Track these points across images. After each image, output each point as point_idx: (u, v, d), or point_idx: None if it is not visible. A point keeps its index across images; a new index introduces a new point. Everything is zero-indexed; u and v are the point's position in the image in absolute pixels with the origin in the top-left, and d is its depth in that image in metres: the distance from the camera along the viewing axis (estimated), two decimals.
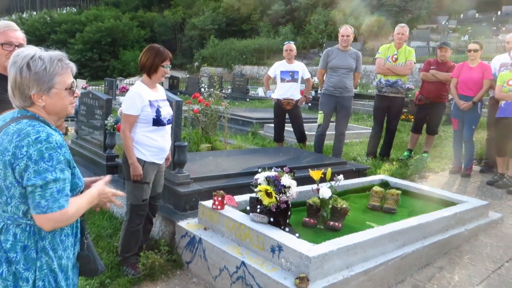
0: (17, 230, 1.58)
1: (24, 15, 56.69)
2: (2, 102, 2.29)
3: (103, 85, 19.34)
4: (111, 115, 5.25)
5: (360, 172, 5.34)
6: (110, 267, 3.36)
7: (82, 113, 6.02)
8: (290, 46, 6.84)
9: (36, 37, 45.87)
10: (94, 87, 20.86)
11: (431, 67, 6.59)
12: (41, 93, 1.61)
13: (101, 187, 1.76)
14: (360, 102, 13.60)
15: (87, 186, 1.79)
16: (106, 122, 5.16)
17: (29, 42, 2.55)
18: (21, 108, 1.63)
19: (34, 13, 58.92)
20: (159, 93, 3.39)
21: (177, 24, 46.22)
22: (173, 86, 21.88)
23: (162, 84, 7.50)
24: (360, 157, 6.78)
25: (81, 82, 23.01)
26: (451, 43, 7.59)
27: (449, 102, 7.13)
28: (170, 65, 3.32)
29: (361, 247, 2.99)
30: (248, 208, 3.35)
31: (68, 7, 66.49)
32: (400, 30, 6.54)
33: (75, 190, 1.68)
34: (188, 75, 28.81)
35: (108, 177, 1.87)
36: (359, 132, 9.02)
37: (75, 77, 1.77)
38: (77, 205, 1.62)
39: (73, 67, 1.70)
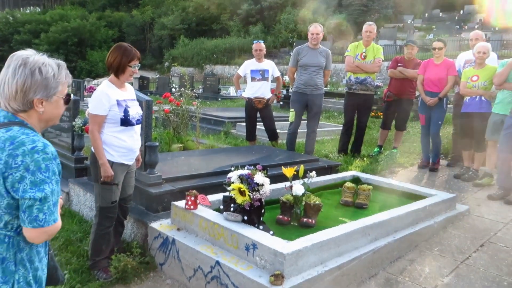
0: None
1: None
2: None
3: (71, 86, 18.84)
4: (78, 116, 5.11)
5: (332, 169, 5.40)
6: (80, 271, 3.28)
7: None
8: (260, 45, 6.84)
9: None
10: None
11: (399, 64, 6.74)
12: (44, 98, 1.58)
13: (61, 202, 1.72)
14: (330, 100, 13.78)
15: None
16: (73, 123, 5.02)
17: None
18: (13, 111, 1.57)
19: None
20: (128, 93, 3.32)
21: (146, 24, 45.52)
22: (143, 86, 21.55)
23: (132, 84, 7.35)
24: (332, 154, 6.86)
25: None
26: (417, 41, 7.79)
27: (416, 99, 7.31)
28: (138, 65, 3.24)
29: (334, 242, 3.02)
30: (221, 207, 3.33)
31: (31, 7, 64.36)
32: (368, 28, 6.66)
33: None
34: (158, 76, 28.42)
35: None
36: (330, 129, 9.13)
37: None
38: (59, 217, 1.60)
39: (70, 77, 1.70)
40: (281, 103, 13.53)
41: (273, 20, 36.62)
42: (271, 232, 3.11)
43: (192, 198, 3.39)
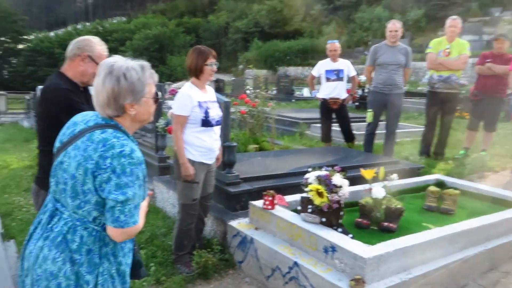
0: (84, 233, 1.59)
1: (78, 26, 59.66)
2: None
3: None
4: (161, 117, 5.39)
5: (414, 172, 5.15)
6: (165, 265, 3.45)
7: None
8: (334, 45, 6.72)
9: None
10: None
11: (487, 60, 6.26)
12: (134, 102, 1.64)
13: (146, 204, 1.79)
14: (410, 100, 13.14)
15: None
16: (157, 124, 5.31)
17: None
18: (110, 117, 1.65)
19: (88, 24, 61.89)
20: (208, 94, 3.42)
21: (221, 28, 46.93)
22: (219, 89, 22.16)
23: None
24: (413, 156, 6.54)
25: None
26: (508, 35, 7.17)
27: (508, 97, 6.73)
28: (216, 63, 3.32)
29: (419, 249, 2.87)
30: (299, 208, 3.32)
31: (118, 17, 69.28)
32: (452, 22, 6.26)
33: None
34: (233, 78, 29.11)
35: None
36: (409, 131, 8.72)
37: None
38: (142, 219, 1.67)
39: (156, 76, 1.74)
40: (357, 103, 13.18)
41: (347, 19, 35.87)
42: (351, 235, 3.04)
43: (270, 198, 3.42)
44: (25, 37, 54.01)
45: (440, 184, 4.52)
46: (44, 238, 1.60)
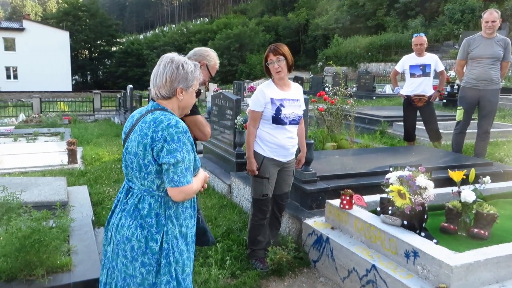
0: (151, 200, 1.88)
1: (165, 28, 63.13)
2: None
3: (232, 88, 20.46)
4: (240, 114, 5.47)
5: (510, 175, 4.67)
6: (240, 259, 3.49)
7: (214, 114, 6.41)
8: (421, 39, 6.30)
9: (175, 47, 50.73)
10: (225, 90, 22.24)
11: None
12: (184, 88, 1.97)
13: (205, 175, 2.07)
14: (507, 97, 12.01)
15: None
16: (235, 121, 5.40)
17: (169, 52, 2.83)
18: (162, 98, 1.97)
19: (173, 25, 65.26)
20: (290, 93, 3.32)
21: (301, 26, 46.75)
22: None
23: None
24: (508, 158, 5.96)
25: (213, 86, 24.70)
26: None
27: None
28: (281, 59, 3.19)
29: None
30: (378, 209, 3.17)
31: (201, 18, 72.12)
32: None
33: (195, 170, 1.96)
34: (312, 75, 28.84)
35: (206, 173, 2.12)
36: (506, 130, 7.96)
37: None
38: (196, 183, 1.93)
39: (202, 77, 2.10)
40: (444, 100, 12.33)
41: (435, 12, 33.76)
42: (435, 241, 2.83)
43: (348, 198, 3.31)
44: (118, 40, 58.43)
45: None
46: (122, 211, 1.93)
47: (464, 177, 3.29)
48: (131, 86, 15.15)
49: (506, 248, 2.64)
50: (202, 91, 2.13)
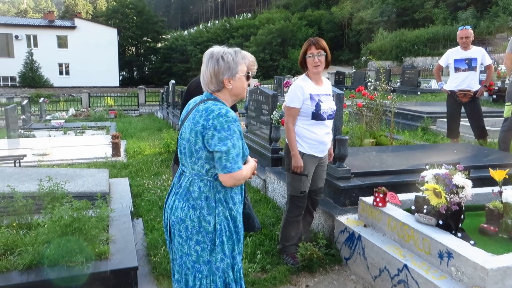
0: (201, 184, 2.00)
1: (208, 24, 64.00)
2: None
3: (273, 83, 20.47)
4: (276, 110, 5.48)
5: None
6: (271, 254, 3.51)
7: (251, 109, 6.45)
8: (467, 31, 6.00)
9: (218, 43, 51.06)
10: (265, 85, 22.28)
11: None
12: (230, 77, 2.05)
13: (255, 163, 2.18)
14: None
15: None
16: (271, 116, 5.41)
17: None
18: (213, 92, 2.08)
19: (217, 21, 66.02)
20: (323, 88, 3.32)
21: (344, 20, 45.86)
22: (339, 81, 21.81)
23: (329, 79, 7.47)
24: None
25: (254, 81, 24.82)
26: None
27: None
28: (322, 53, 3.16)
29: None
30: (413, 207, 3.09)
31: (244, 13, 72.46)
32: None
33: (243, 157, 2.05)
34: (354, 70, 28.30)
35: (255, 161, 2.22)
36: None
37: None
38: (246, 169, 2.03)
39: (248, 59, 2.14)
40: (494, 96, 11.74)
41: (488, 2, 32.07)
42: (472, 242, 2.72)
43: (381, 195, 3.24)
44: (163, 36, 59.82)
45: None
46: (175, 193, 2.08)
47: (507, 176, 3.14)
48: (173, 81, 15.52)
49: None
50: (250, 73, 2.17)
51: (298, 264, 3.32)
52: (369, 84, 7.40)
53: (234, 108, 3.05)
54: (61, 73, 42.22)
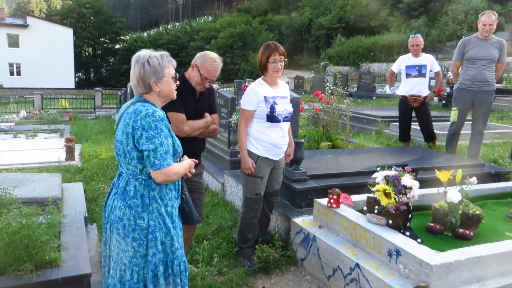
0: (136, 183, 2.12)
1: (169, 26, 63.21)
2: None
3: (233, 87, 20.51)
4: (235, 113, 5.51)
5: (501, 176, 4.69)
6: (228, 257, 3.52)
7: None
8: (417, 39, 6.30)
9: (178, 45, 50.73)
10: (226, 89, 22.25)
11: None
12: (157, 81, 2.15)
13: (191, 162, 2.29)
14: (506, 98, 12.00)
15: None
16: (230, 119, 5.44)
17: (173, 50, 3.03)
18: (141, 95, 2.18)
19: (177, 23, 65.33)
20: (279, 90, 3.38)
21: (304, 25, 46.65)
22: (298, 86, 22.15)
23: (288, 83, 7.58)
24: (503, 159, 5.97)
25: (214, 85, 24.75)
26: None
27: None
28: (283, 59, 3.25)
29: (496, 259, 2.61)
30: (365, 208, 3.19)
31: (205, 16, 72.16)
32: None
33: (176, 155, 2.17)
34: (313, 75, 28.84)
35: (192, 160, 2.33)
36: (502, 131, 7.96)
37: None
38: (178, 167, 2.14)
39: (174, 62, 2.24)
40: (443, 101, 12.33)
41: (438, 12, 33.63)
42: (419, 240, 2.85)
43: (335, 197, 3.33)
44: (122, 37, 58.47)
45: None
46: (114, 193, 2.19)
47: (451, 177, 3.31)
48: (131, 83, 15.17)
49: (487, 248, 2.67)
50: (177, 75, 2.28)
51: (255, 266, 3.35)
52: (326, 88, 7.57)
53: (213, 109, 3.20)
54: (11, 73, 40.33)
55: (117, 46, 57.02)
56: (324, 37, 42.57)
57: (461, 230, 3.11)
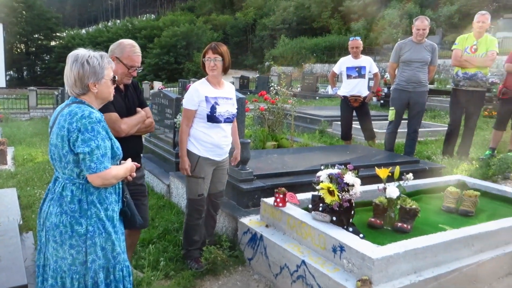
0: (73, 188, 2.03)
1: (109, 24, 60.97)
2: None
3: (178, 87, 20.19)
4: (179, 114, 5.42)
5: (434, 172, 5.00)
6: (175, 260, 3.46)
7: (155, 112, 6.30)
8: (356, 42, 6.57)
9: None
10: (170, 88, 21.85)
11: None
12: (96, 82, 2.08)
13: (132, 165, 2.23)
14: (437, 98, 12.80)
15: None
16: (175, 120, 5.35)
17: None
18: (77, 96, 2.09)
19: (118, 21, 63.19)
20: (223, 91, 3.36)
21: (249, 26, 46.98)
22: (243, 86, 22.24)
23: (233, 83, 7.55)
24: (435, 156, 6.36)
25: (158, 84, 24.21)
26: None
27: None
28: (218, 58, 3.21)
29: (431, 251, 2.78)
30: (310, 206, 3.27)
31: (147, 14, 70.41)
32: (481, 18, 6.01)
33: (115, 158, 2.12)
34: (258, 75, 29.10)
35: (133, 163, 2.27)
36: (435, 129, 8.49)
37: (152, 80, 2.21)
38: (117, 170, 2.09)
39: (113, 64, 2.22)
40: (382, 101, 12.93)
41: (376, 16, 35.21)
42: (361, 235, 2.97)
43: (281, 196, 3.38)
44: (58, 34, 55.59)
45: (462, 185, 4.37)
46: (50, 199, 2.09)
47: (390, 174, 3.48)
48: (66, 83, 14.47)
49: (423, 240, 2.83)
50: (116, 77, 2.22)
51: (203, 268, 3.32)
52: (271, 88, 7.67)
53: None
54: None
55: (52, 43, 54.17)
56: (268, 38, 43.13)
57: (399, 224, 3.28)
